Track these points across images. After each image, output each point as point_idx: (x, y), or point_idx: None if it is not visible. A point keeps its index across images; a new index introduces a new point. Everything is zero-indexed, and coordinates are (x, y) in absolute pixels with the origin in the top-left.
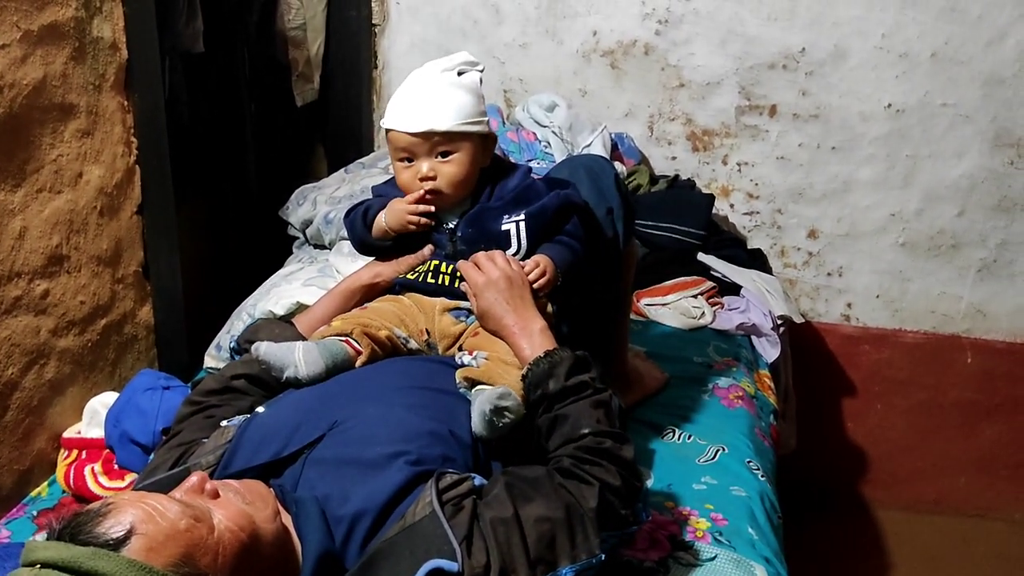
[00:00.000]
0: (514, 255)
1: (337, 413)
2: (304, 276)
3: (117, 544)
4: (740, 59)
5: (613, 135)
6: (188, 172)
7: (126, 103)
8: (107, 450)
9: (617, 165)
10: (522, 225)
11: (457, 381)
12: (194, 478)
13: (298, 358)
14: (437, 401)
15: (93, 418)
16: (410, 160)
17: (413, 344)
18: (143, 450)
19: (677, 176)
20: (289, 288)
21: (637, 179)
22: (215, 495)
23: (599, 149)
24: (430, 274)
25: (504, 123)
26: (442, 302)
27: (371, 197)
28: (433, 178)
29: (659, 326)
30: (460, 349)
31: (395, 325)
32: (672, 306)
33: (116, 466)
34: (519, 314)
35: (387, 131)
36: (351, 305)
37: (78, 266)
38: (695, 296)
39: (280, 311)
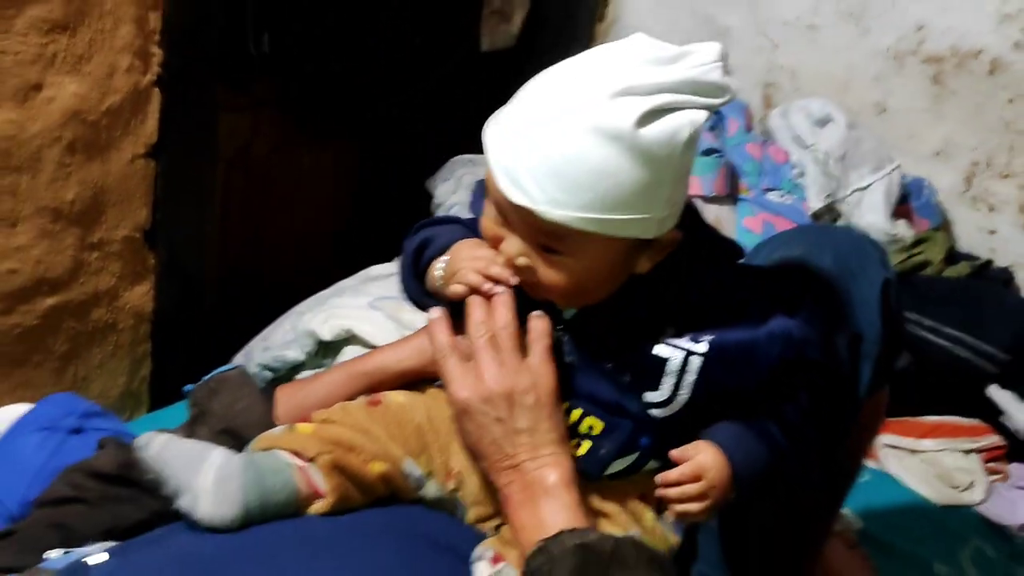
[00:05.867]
0: (661, 406)
1: None
2: (378, 291)
3: None
4: None
5: (908, 180)
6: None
7: None
8: None
9: (898, 226)
10: (696, 362)
11: None
12: None
13: (202, 485)
14: None
15: None
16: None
17: (431, 489)
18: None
19: (990, 262)
20: (352, 303)
21: (926, 252)
22: None
23: (878, 199)
24: None
25: (748, 129)
26: None
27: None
28: (530, 270)
29: (894, 484)
30: (497, 529)
31: (409, 453)
32: (926, 458)
33: None
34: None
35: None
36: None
37: (13, 219)
38: (967, 452)
39: (327, 335)
